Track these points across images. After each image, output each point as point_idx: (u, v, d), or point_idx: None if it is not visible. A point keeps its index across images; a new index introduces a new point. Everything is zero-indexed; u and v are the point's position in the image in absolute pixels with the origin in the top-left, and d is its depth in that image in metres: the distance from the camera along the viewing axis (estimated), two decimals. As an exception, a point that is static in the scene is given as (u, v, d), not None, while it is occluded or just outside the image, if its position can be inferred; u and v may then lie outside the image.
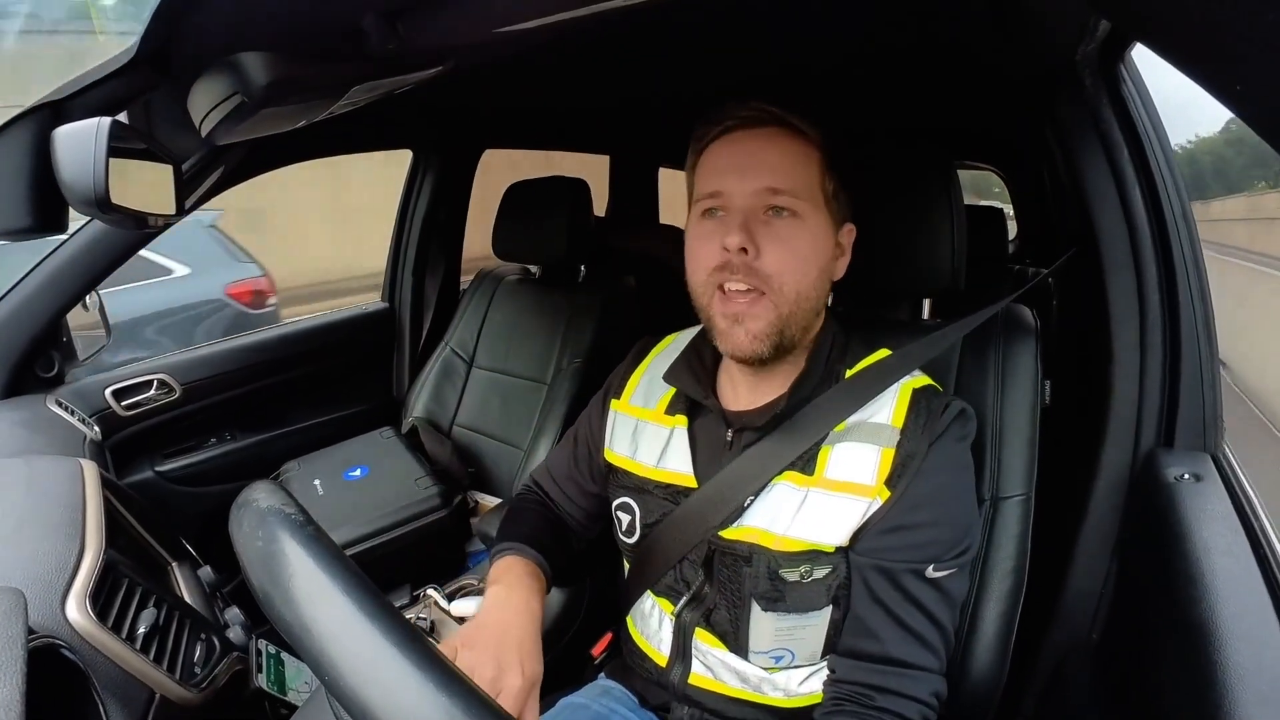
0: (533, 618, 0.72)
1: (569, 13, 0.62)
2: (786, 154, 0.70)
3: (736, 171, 0.69)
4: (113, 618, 0.67)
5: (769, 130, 0.70)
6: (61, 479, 0.83)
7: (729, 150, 0.71)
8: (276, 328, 1.72)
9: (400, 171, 1.85)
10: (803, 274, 0.69)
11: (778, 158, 0.69)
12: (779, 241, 0.68)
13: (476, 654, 0.65)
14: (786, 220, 0.69)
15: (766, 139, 0.70)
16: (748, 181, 0.68)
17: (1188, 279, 0.83)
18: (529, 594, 0.75)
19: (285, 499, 0.55)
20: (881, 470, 0.68)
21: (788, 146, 0.70)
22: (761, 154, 0.69)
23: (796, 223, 0.69)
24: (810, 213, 0.69)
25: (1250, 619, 0.57)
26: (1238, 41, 0.23)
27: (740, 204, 0.69)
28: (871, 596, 0.67)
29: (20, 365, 1.19)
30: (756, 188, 0.68)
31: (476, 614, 0.72)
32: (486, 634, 0.68)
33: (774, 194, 0.68)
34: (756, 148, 0.70)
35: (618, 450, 0.84)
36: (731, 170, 0.70)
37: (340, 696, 0.42)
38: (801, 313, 0.70)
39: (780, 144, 0.70)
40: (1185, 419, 0.83)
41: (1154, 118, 0.90)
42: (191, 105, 0.75)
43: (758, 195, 0.68)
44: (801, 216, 0.69)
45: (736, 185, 0.69)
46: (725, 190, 0.69)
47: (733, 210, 0.69)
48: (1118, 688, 0.76)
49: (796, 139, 0.70)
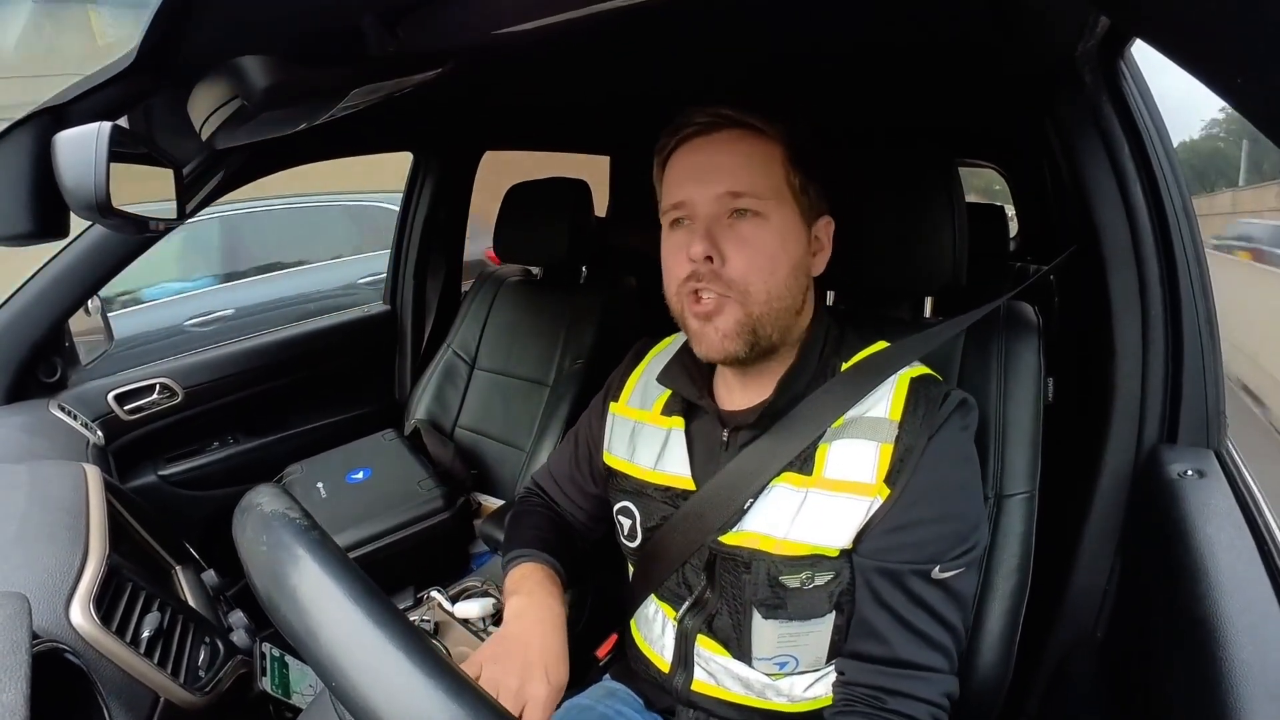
0: (555, 624, 0.72)
1: (568, 14, 0.62)
2: (745, 155, 0.69)
3: (696, 179, 0.69)
4: (117, 622, 0.67)
5: (726, 134, 0.70)
6: (65, 484, 0.83)
7: (688, 159, 0.71)
8: (278, 331, 1.73)
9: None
10: (770, 273, 0.68)
11: (736, 160, 0.69)
12: (743, 244, 0.68)
13: (500, 667, 0.65)
14: (750, 221, 0.68)
15: (724, 143, 0.70)
16: (707, 188, 0.68)
17: (1189, 274, 0.83)
18: (549, 599, 0.75)
19: (289, 503, 0.55)
20: (881, 467, 0.67)
21: (746, 148, 0.69)
22: (719, 159, 0.69)
23: (760, 223, 0.68)
24: (775, 211, 0.69)
25: (1254, 615, 0.57)
26: (1237, 37, 0.23)
27: (703, 211, 0.69)
28: (877, 600, 0.67)
29: (22, 370, 1.19)
30: (717, 193, 0.68)
31: (500, 629, 0.73)
32: (510, 646, 0.68)
33: (735, 197, 0.68)
34: (714, 153, 0.69)
35: (616, 453, 0.84)
36: (691, 179, 0.70)
37: (347, 702, 0.42)
38: (775, 312, 0.69)
39: (738, 146, 0.69)
40: (1188, 415, 0.83)
41: (1154, 114, 0.90)
42: (192, 109, 0.75)
43: (719, 200, 0.68)
44: (765, 216, 0.68)
45: (697, 193, 0.69)
46: (688, 199, 0.69)
47: (697, 219, 0.69)
48: (1122, 684, 0.75)
49: (755, 139, 0.70)
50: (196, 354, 1.55)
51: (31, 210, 0.63)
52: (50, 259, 1.18)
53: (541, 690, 0.64)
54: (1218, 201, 15.61)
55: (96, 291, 1.23)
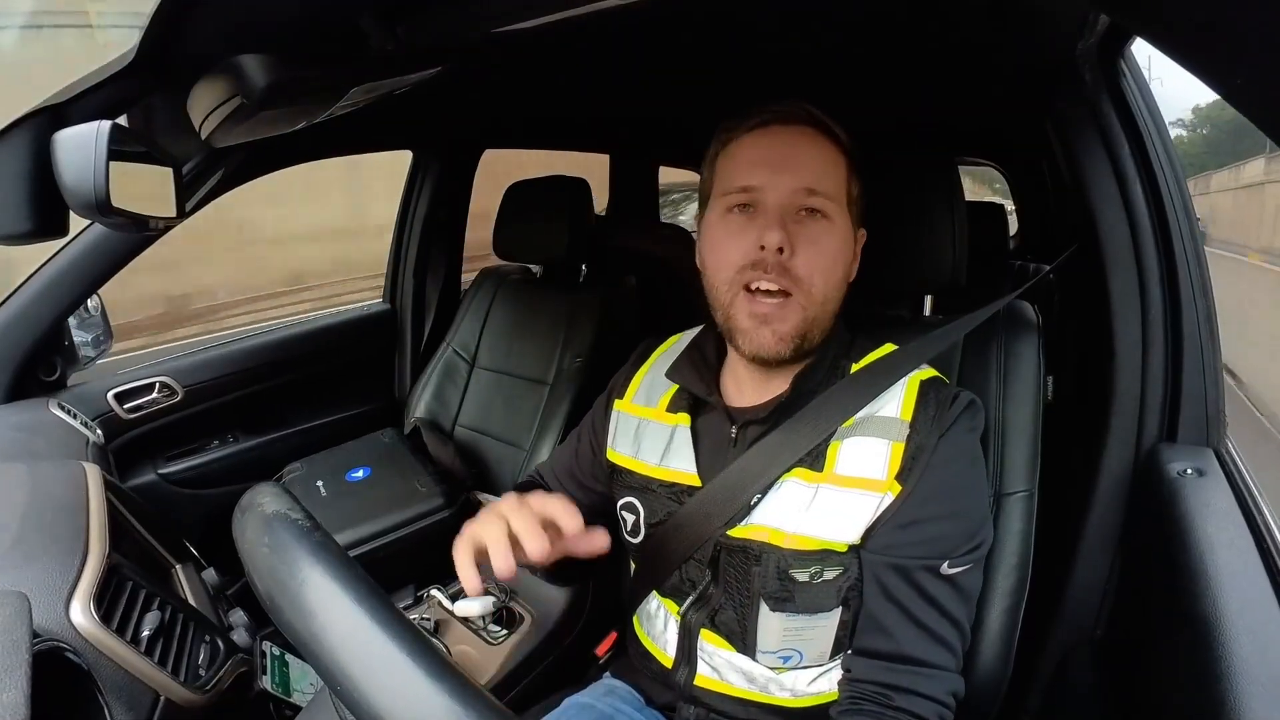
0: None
1: (567, 12, 0.62)
2: (821, 154, 0.69)
3: (772, 166, 0.68)
4: (117, 621, 0.67)
5: (804, 129, 0.69)
6: (64, 483, 0.83)
7: (763, 144, 0.69)
8: (278, 330, 1.73)
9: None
10: (830, 277, 0.68)
11: (814, 157, 0.68)
12: (812, 243, 0.67)
13: (482, 515, 0.65)
14: (819, 222, 0.68)
15: (803, 136, 0.69)
16: (785, 178, 0.67)
17: (1189, 273, 0.83)
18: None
19: (290, 503, 0.55)
20: (892, 464, 0.67)
21: (822, 147, 0.69)
22: (800, 152, 0.68)
23: (828, 225, 0.68)
24: (838, 215, 0.69)
25: (1254, 613, 0.57)
26: (1237, 35, 0.23)
27: (775, 200, 0.67)
28: (886, 595, 0.67)
29: (22, 369, 1.19)
30: (795, 186, 0.67)
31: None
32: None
33: (810, 194, 0.67)
34: (794, 144, 0.69)
35: (620, 450, 0.84)
36: (766, 165, 0.68)
37: (348, 702, 0.42)
38: (825, 315, 0.70)
39: (816, 143, 0.69)
40: (1188, 414, 0.83)
41: (1154, 112, 0.90)
42: (191, 108, 0.75)
43: (795, 194, 0.67)
44: (831, 219, 0.68)
45: (773, 180, 0.67)
46: (759, 185, 0.68)
47: (767, 206, 0.68)
48: (1122, 683, 0.76)
49: (829, 141, 0.70)
50: (196, 353, 1.55)
51: (31, 208, 0.63)
52: (50, 258, 1.18)
53: (551, 501, 0.64)
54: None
55: (96, 290, 1.23)
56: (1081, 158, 0.90)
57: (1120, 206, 0.86)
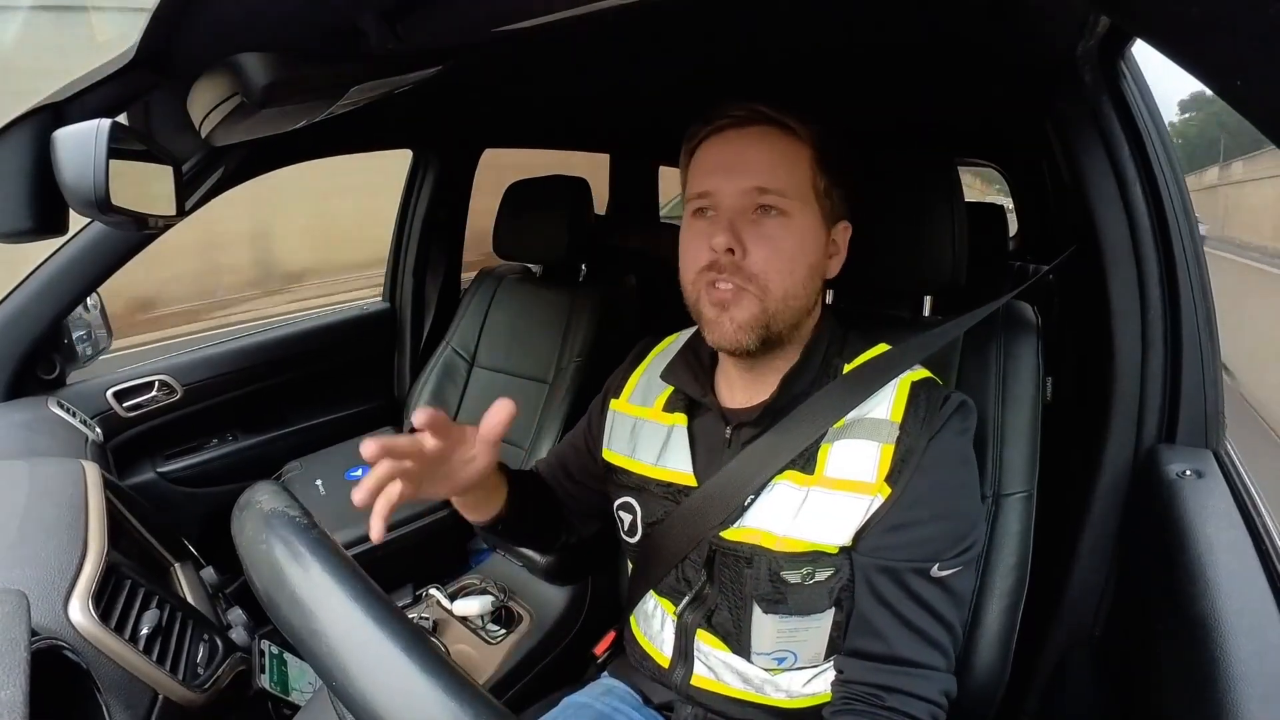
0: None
1: (568, 12, 0.62)
2: (776, 153, 0.69)
3: (724, 171, 0.70)
4: (115, 619, 0.67)
5: (759, 129, 0.70)
6: (63, 481, 0.83)
7: (718, 150, 0.71)
8: (277, 328, 1.73)
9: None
10: (789, 272, 0.69)
11: (766, 157, 0.69)
12: (766, 240, 0.68)
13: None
14: (775, 219, 0.69)
15: (756, 138, 0.70)
16: (735, 181, 0.69)
17: (1189, 275, 0.83)
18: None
19: (289, 501, 0.55)
20: (882, 467, 0.67)
21: (777, 145, 0.70)
22: (750, 153, 0.69)
23: (784, 221, 0.69)
24: (799, 211, 0.69)
25: (1252, 615, 0.58)
26: (1238, 37, 0.23)
27: (729, 203, 0.69)
28: (877, 597, 0.67)
29: (21, 367, 1.19)
30: (744, 187, 0.68)
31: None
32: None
33: (762, 193, 0.68)
34: (745, 147, 0.70)
35: (616, 449, 0.84)
36: (719, 170, 0.70)
37: (346, 701, 0.42)
38: (789, 310, 0.70)
39: (770, 143, 0.70)
40: (1187, 415, 0.83)
41: (1154, 113, 0.90)
42: (191, 106, 0.75)
43: (746, 194, 0.68)
44: (790, 215, 0.69)
45: (724, 184, 0.69)
46: (714, 190, 0.70)
47: (721, 210, 0.69)
48: (1120, 684, 0.76)
49: (787, 137, 0.70)
50: (196, 351, 1.55)
51: (31, 206, 0.63)
52: (49, 256, 1.18)
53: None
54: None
55: (96, 288, 1.23)
56: (1081, 159, 0.90)
57: (1120, 208, 0.86)
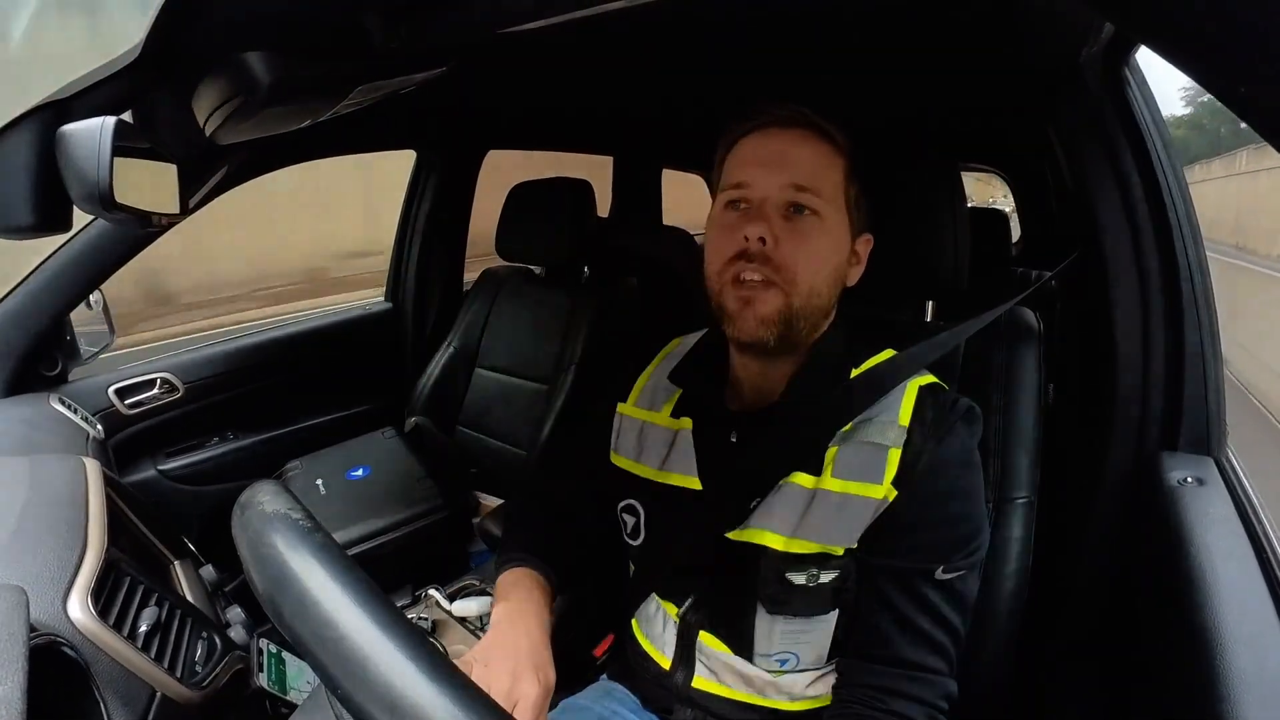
0: (543, 630, 0.73)
1: (572, 14, 0.62)
2: (814, 155, 0.71)
3: (764, 165, 0.70)
4: (114, 616, 0.67)
5: (802, 131, 0.71)
6: (64, 477, 0.83)
7: (760, 144, 0.72)
8: (279, 328, 1.73)
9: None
10: (816, 271, 0.70)
11: (806, 157, 0.70)
12: (798, 235, 0.69)
13: (492, 669, 0.65)
14: (807, 219, 0.70)
15: (799, 139, 0.71)
16: (774, 175, 0.69)
17: (1191, 282, 0.83)
18: (538, 607, 0.75)
19: (289, 501, 0.55)
20: (890, 470, 0.67)
21: (818, 149, 0.71)
22: (792, 152, 0.70)
23: (816, 222, 0.70)
24: (830, 215, 0.70)
25: (1252, 623, 0.57)
26: (1242, 45, 0.23)
27: (764, 196, 0.70)
28: (881, 600, 0.67)
29: (24, 363, 1.19)
30: (782, 182, 0.69)
31: (488, 634, 0.73)
32: (500, 650, 0.68)
33: (798, 191, 0.69)
34: (788, 145, 0.71)
35: (624, 453, 0.84)
36: (759, 163, 0.71)
37: (346, 701, 0.42)
38: (811, 309, 0.70)
39: (811, 146, 0.71)
40: (1188, 422, 0.83)
41: (1158, 120, 0.89)
42: (195, 105, 0.75)
43: (782, 190, 0.69)
44: (822, 217, 0.70)
45: (762, 178, 0.70)
46: (750, 181, 0.70)
47: (756, 202, 0.70)
48: (1120, 690, 0.75)
49: (826, 143, 0.72)
50: (198, 349, 1.55)
51: (35, 203, 0.63)
52: (53, 253, 1.18)
53: (533, 690, 0.64)
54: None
55: (99, 286, 1.23)
56: (1084, 165, 0.90)
57: (1122, 214, 0.86)
